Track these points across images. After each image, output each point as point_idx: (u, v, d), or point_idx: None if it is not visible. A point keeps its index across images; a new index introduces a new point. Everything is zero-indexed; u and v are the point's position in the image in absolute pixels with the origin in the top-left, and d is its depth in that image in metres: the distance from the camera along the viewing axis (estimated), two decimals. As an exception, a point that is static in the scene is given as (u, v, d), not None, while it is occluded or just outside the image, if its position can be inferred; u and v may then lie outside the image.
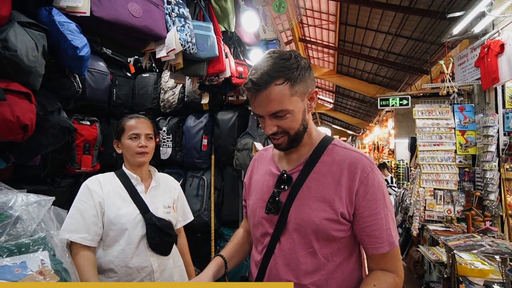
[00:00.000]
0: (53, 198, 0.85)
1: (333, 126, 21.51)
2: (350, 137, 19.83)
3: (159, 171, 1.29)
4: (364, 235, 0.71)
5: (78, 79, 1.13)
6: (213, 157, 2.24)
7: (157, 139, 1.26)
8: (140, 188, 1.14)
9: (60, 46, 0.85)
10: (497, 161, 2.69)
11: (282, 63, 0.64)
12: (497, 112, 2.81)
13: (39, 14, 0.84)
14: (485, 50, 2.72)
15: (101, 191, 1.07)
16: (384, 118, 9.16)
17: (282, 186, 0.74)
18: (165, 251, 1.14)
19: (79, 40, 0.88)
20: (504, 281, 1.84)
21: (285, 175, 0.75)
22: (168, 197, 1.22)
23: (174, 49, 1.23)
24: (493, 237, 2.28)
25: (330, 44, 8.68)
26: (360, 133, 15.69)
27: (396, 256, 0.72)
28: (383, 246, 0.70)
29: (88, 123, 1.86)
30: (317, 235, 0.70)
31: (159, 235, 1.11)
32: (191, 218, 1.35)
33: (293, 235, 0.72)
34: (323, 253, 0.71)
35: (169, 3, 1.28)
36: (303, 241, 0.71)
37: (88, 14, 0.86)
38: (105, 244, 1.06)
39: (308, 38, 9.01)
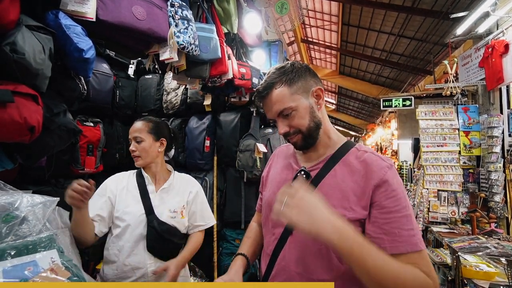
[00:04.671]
0: (57, 199, 0.86)
1: (336, 127, 21.38)
2: (353, 138, 19.74)
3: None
4: (382, 234, 0.65)
5: (83, 81, 1.15)
6: (215, 158, 2.25)
7: (162, 140, 1.23)
8: (150, 188, 1.16)
9: (66, 49, 0.87)
10: (502, 162, 2.66)
11: (279, 71, 0.75)
12: (501, 112, 2.78)
13: (46, 18, 0.85)
14: (490, 50, 2.70)
15: (115, 188, 1.15)
16: (387, 119, 9.11)
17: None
18: (163, 256, 1.12)
19: (85, 43, 0.89)
20: (510, 283, 1.82)
21: (304, 171, 0.76)
22: (177, 201, 1.19)
23: (173, 43, 1.22)
24: (499, 239, 2.25)
25: (333, 45, 8.66)
26: (363, 134, 15.61)
27: (426, 259, 0.63)
28: (403, 245, 0.63)
29: (91, 124, 1.88)
30: None
31: (157, 239, 1.10)
32: (212, 222, 1.30)
33: None
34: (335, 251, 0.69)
35: (172, 5, 1.29)
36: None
37: (94, 19, 0.87)
38: (112, 237, 1.12)
39: (310, 39, 9.00)
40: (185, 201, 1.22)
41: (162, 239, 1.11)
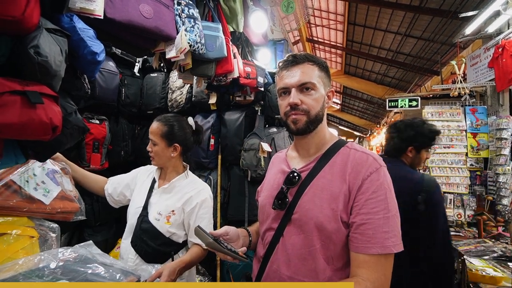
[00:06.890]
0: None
1: (340, 127, 21.32)
2: (357, 138, 19.60)
3: None
4: (357, 233, 0.66)
5: (87, 80, 1.16)
6: (219, 157, 2.25)
7: (175, 145, 1.19)
8: (156, 185, 1.19)
9: (80, 51, 0.89)
10: (510, 165, 2.62)
11: (312, 57, 0.79)
12: (511, 114, 2.73)
13: (61, 20, 0.87)
14: (500, 50, 2.65)
15: (141, 176, 1.26)
16: (392, 119, 9.02)
17: (291, 183, 0.76)
18: (143, 256, 1.08)
19: (97, 46, 0.92)
20: (517, 288, 1.78)
21: (295, 172, 0.76)
22: (168, 204, 1.12)
23: (185, 48, 1.24)
24: (506, 243, 2.21)
25: (338, 44, 8.60)
26: (368, 135, 15.49)
27: (384, 265, 0.64)
28: (374, 247, 0.64)
29: (97, 121, 1.89)
30: (320, 233, 0.70)
31: (138, 237, 1.10)
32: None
33: (297, 231, 0.73)
34: (324, 254, 0.70)
35: (179, 4, 1.28)
36: (305, 238, 0.71)
37: (102, 17, 0.88)
38: None
39: (315, 38, 8.95)
40: (178, 206, 1.11)
41: (140, 239, 1.09)
